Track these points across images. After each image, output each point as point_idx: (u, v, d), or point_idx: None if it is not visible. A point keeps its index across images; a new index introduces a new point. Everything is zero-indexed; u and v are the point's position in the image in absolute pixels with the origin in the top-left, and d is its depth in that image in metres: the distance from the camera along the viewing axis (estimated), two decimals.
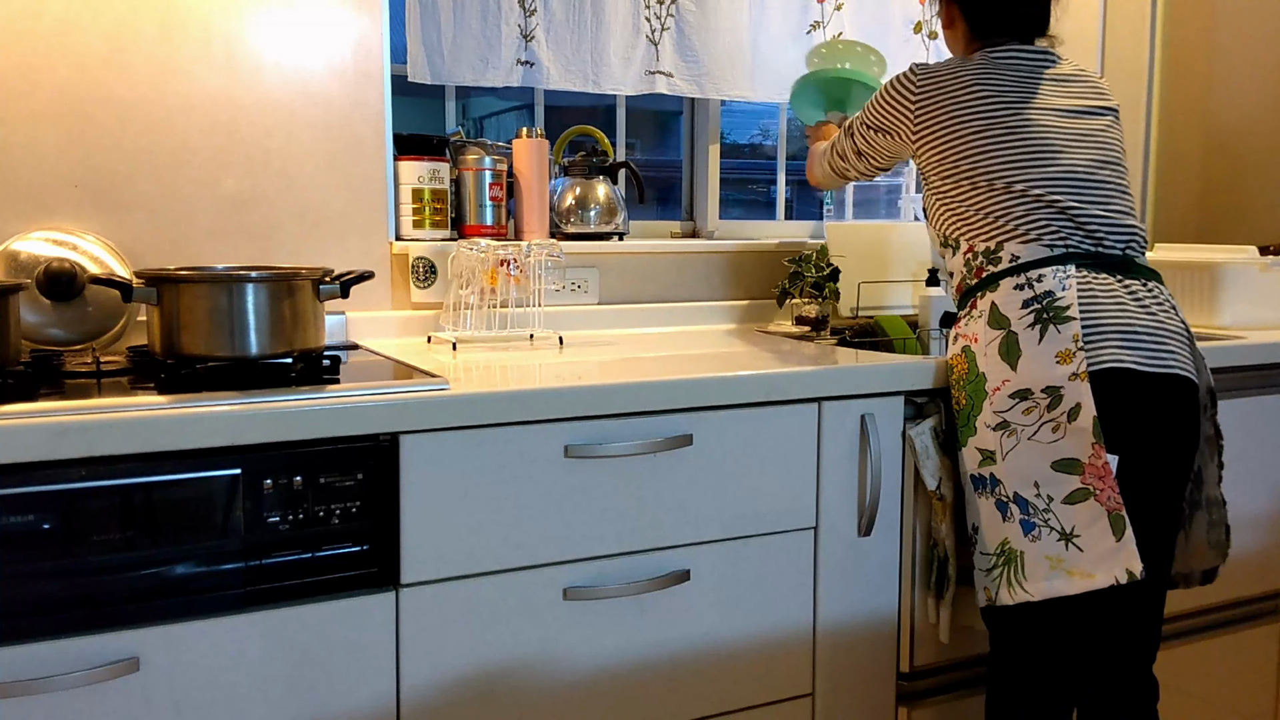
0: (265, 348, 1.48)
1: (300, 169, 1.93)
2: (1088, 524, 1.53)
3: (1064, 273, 1.58)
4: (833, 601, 1.69)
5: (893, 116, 1.79)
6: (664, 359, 1.76)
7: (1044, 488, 1.56)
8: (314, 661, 1.35)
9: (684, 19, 2.31)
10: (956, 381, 1.66)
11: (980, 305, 1.64)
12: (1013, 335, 1.58)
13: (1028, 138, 1.64)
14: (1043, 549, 1.56)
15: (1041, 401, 1.55)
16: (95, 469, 1.23)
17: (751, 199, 2.95)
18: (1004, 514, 1.60)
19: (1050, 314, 1.56)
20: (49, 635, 1.22)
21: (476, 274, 1.91)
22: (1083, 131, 1.68)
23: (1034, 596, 1.57)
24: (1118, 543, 1.52)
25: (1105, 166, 1.67)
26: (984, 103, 1.67)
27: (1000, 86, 1.68)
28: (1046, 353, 1.55)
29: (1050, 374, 1.54)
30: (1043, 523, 1.56)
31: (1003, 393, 1.58)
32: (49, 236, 1.74)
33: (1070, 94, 1.71)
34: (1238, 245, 2.28)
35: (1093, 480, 1.53)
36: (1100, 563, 1.53)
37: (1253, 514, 2.07)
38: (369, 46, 1.96)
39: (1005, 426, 1.58)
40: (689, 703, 1.60)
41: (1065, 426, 1.53)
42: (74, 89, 1.76)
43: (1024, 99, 1.67)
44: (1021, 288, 1.59)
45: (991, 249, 1.65)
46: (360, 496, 1.36)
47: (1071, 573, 1.54)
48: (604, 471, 1.50)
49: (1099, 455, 1.52)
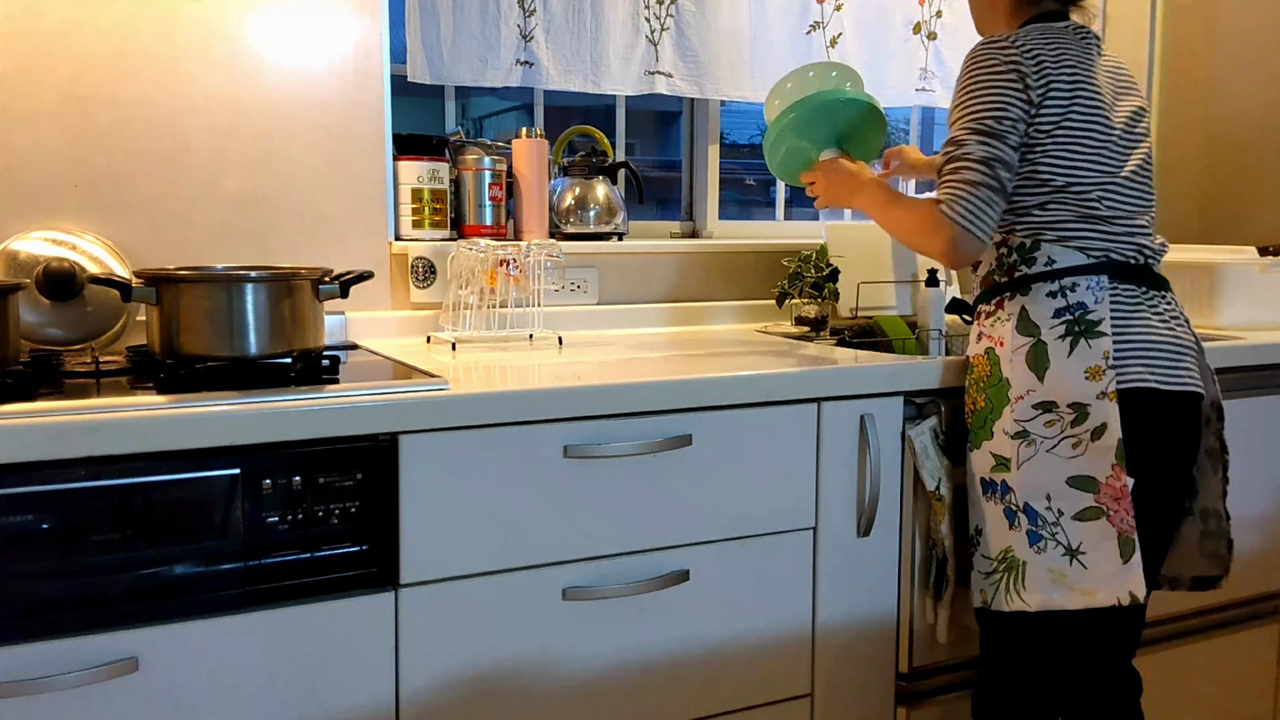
0: (265, 348, 1.48)
1: (300, 169, 1.93)
2: (1096, 543, 1.52)
3: (1099, 284, 1.54)
4: (832, 602, 1.69)
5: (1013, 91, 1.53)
6: (663, 359, 1.76)
7: (1056, 501, 1.54)
8: (313, 662, 1.35)
9: (683, 19, 2.31)
10: (976, 382, 1.63)
11: (1009, 307, 1.59)
12: (1042, 345, 1.54)
13: (1097, 137, 1.56)
14: (1046, 561, 1.55)
15: (1066, 416, 1.52)
16: (94, 469, 1.23)
17: (751, 199, 2.95)
18: (1011, 522, 1.58)
19: (1082, 327, 1.52)
20: (48, 635, 1.22)
21: (476, 274, 1.91)
22: (1137, 134, 1.62)
23: (1030, 607, 1.56)
24: (1124, 565, 1.51)
25: (1147, 171, 1.62)
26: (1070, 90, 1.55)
27: (1075, 73, 1.56)
28: (1076, 367, 1.52)
29: (1078, 389, 1.51)
30: (1050, 535, 1.55)
31: (1026, 402, 1.55)
32: (48, 236, 1.74)
33: (1121, 87, 1.63)
34: (1238, 246, 2.28)
35: (1108, 500, 1.51)
36: (1104, 582, 1.52)
37: (1252, 514, 2.07)
38: (369, 47, 1.96)
39: (1025, 436, 1.55)
40: (688, 703, 1.60)
41: (1088, 444, 1.51)
42: (74, 89, 1.76)
43: (1094, 92, 1.57)
44: (1055, 295, 1.55)
45: (1028, 246, 1.58)
46: (359, 496, 1.36)
47: (1073, 588, 1.54)
48: (603, 472, 1.50)
49: (1119, 477, 1.50)
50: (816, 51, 2.46)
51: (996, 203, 1.52)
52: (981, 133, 1.52)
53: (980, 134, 1.52)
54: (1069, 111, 1.54)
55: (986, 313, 1.64)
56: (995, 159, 1.51)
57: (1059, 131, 1.54)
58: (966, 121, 1.54)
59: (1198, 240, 2.77)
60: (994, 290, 1.63)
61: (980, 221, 1.51)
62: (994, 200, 1.52)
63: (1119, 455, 1.50)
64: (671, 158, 2.60)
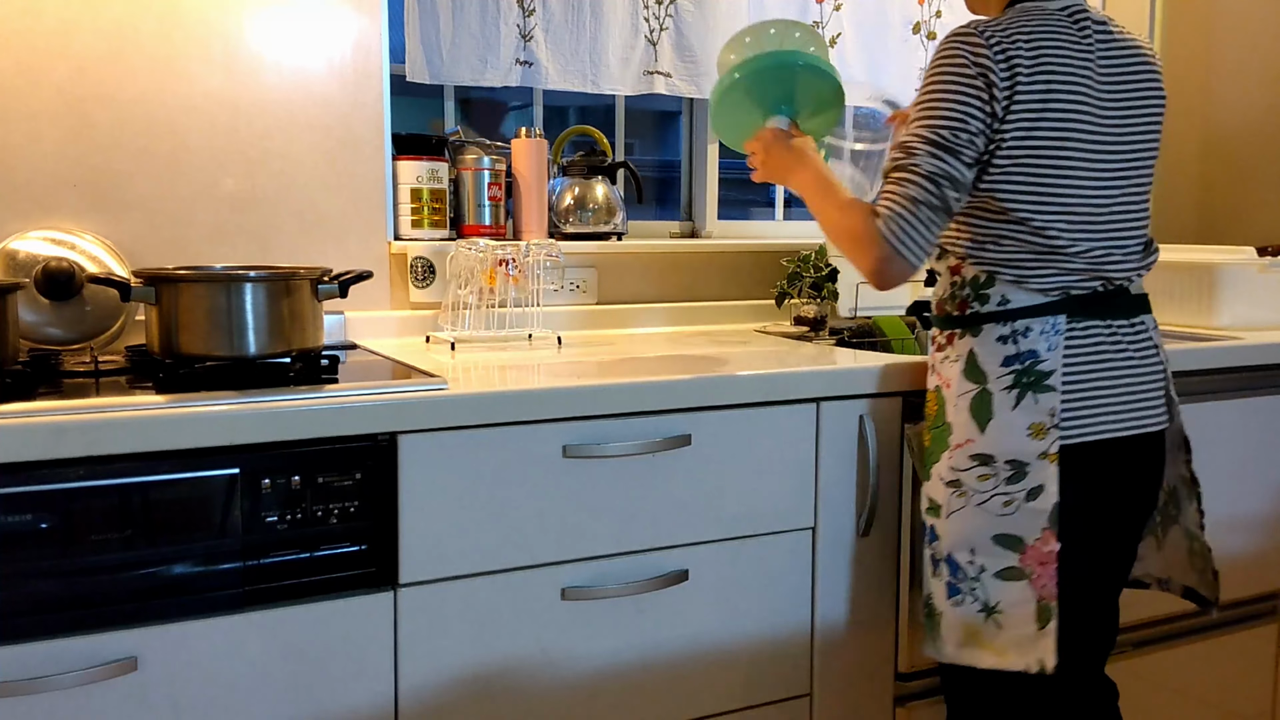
0: (264, 347, 1.48)
1: (299, 169, 1.93)
2: (1014, 604, 1.45)
3: (1055, 327, 1.42)
4: (831, 602, 1.69)
5: (976, 102, 1.38)
6: (662, 359, 1.76)
7: (979, 557, 1.47)
8: (312, 661, 1.35)
9: (682, 19, 2.31)
10: (927, 416, 1.56)
11: (959, 347, 1.49)
12: (987, 394, 1.45)
13: (1069, 154, 1.41)
14: (961, 615, 1.49)
15: (1003, 472, 1.44)
16: (93, 468, 1.23)
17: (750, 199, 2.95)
18: (934, 569, 1.53)
19: (1031, 378, 1.42)
20: (47, 635, 1.22)
21: (475, 274, 1.91)
22: (1134, 137, 1.46)
23: (943, 659, 1.52)
24: (1039, 631, 1.43)
25: (1142, 180, 1.48)
26: (1042, 99, 1.39)
27: (1052, 78, 1.39)
28: (1019, 422, 1.42)
29: (1019, 446, 1.42)
30: (968, 590, 1.48)
31: (964, 451, 1.46)
32: (47, 236, 1.73)
33: (1128, 77, 1.46)
34: (1236, 246, 2.28)
35: (1033, 563, 1.43)
36: (1016, 646, 1.45)
37: (1251, 515, 2.07)
38: (368, 46, 1.96)
39: (957, 486, 1.48)
40: (687, 703, 1.60)
41: (1020, 504, 1.43)
42: (73, 88, 1.76)
43: (1074, 97, 1.40)
44: (1006, 340, 1.44)
45: (981, 281, 1.46)
46: (358, 496, 1.36)
47: (985, 646, 1.47)
48: (602, 471, 1.50)
49: (1047, 541, 1.42)
50: None
51: (937, 224, 1.39)
52: (934, 144, 1.37)
53: (933, 145, 1.37)
54: (1036, 127, 1.38)
55: (939, 344, 1.55)
56: (944, 176, 1.37)
57: (1022, 154, 1.39)
58: (921, 127, 1.39)
59: (1196, 240, 2.77)
60: (946, 321, 1.52)
61: (915, 244, 1.38)
62: (935, 221, 1.38)
63: (1052, 519, 1.41)
64: (671, 157, 2.60)
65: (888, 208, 1.39)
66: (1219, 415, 1.99)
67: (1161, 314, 2.26)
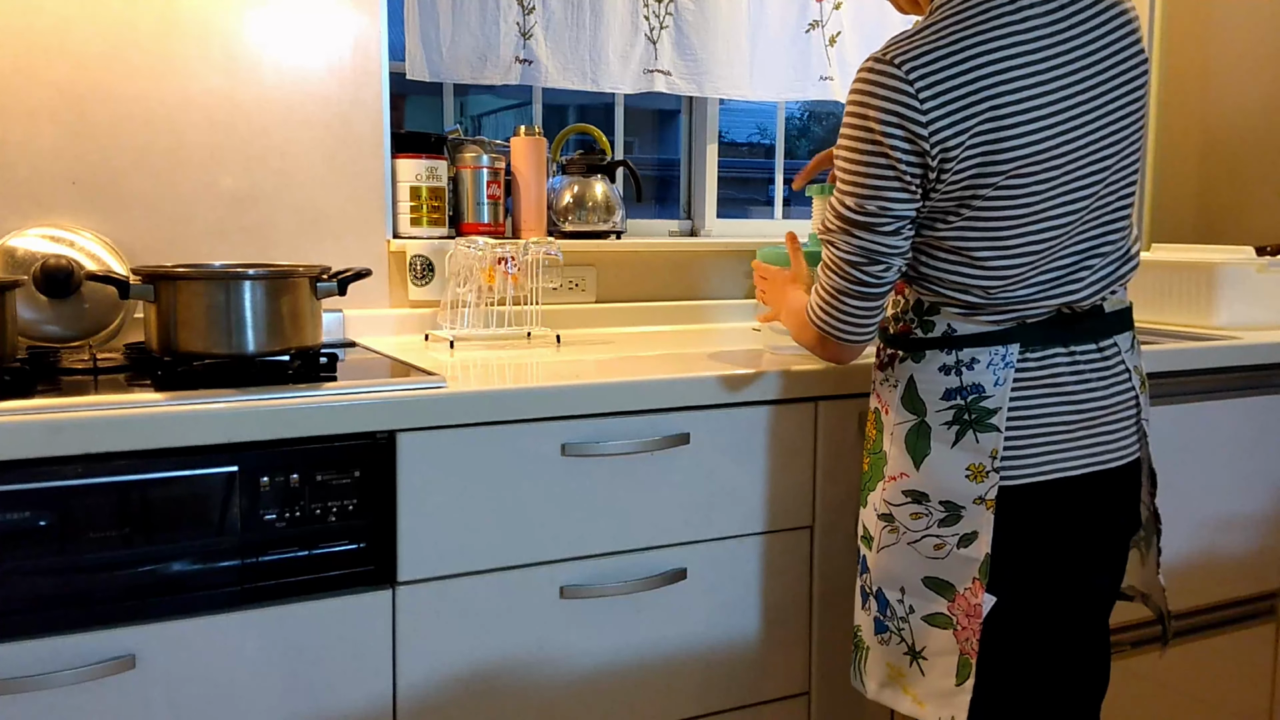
0: (262, 345, 1.48)
1: (298, 166, 1.93)
2: (937, 652, 1.35)
3: (1004, 359, 1.29)
4: (829, 601, 1.69)
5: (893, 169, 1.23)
6: (661, 357, 1.76)
7: (909, 597, 1.37)
8: (310, 659, 1.35)
9: (682, 18, 2.31)
10: (867, 439, 1.45)
11: (899, 371, 1.36)
12: (925, 427, 1.32)
13: (1030, 187, 1.23)
14: (886, 654, 1.41)
15: (936, 513, 1.33)
16: (92, 466, 1.23)
17: (750, 197, 2.96)
18: (864, 601, 1.44)
19: (974, 415, 1.29)
20: (45, 633, 1.22)
21: (474, 272, 1.91)
22: (1108, 137, 1.26)
23: (866, 694, 1.45)
24: (956, 687, 1.33)
25: (1122, 181, 1.30)
26: (987, 132, 1.20)
27: (998, 98, 1.20)
28: (957, 462, 1.30)
29: (955, 488, 1.30)
30: (895, 629, 1.39)
31: (897, 485, 1.36)
32: (46, 233, 1.73)
33: (1098, 60, 1.25)
34: (1235, 245, 2.28)
35: (959, 615, 1.33)
36: (933, 698, 1.36)
37: (1250, 514, 2.07)
38: (367, 44, 1.96)
39: (890, 520, 1.37)
40: (685, 701, 1.61)
41: (952, 549, 1.32)
42: (72, 86, 1.76)
43: (1027, 110, 1.21)
44: (949, 370, 1.31)
45: (925, 308, 1.34)
46: (357, 494, 1.36)
47: (906, 691, 1.39)
48: (601, 470, 1.50)
49: (976, 593, 1.31)
50: (816, 50, 2.46)
51: (870, 297, 1.31)
52: (848, 221, 1.27)
53: (845, 223, 1.28)
54: (988, 163, 1.21)
55: (880, 362, 1.42)
56: (864, 253, 1.27)
57: (970, 196, 1.23)
58: (837, 196, 1.29)
59: (1195, 240, 2.77)
60: (887, 339, 1.41)
61: (849, 329, 1.34)
62: (865, 296, 1.31)
63: (983, 571, 1.30)
64: (670, 156, 2.60)
65: (817, 306, 1.37)
66: (1217, 415, 1.99)
67: (1160, 313, 2.26)
